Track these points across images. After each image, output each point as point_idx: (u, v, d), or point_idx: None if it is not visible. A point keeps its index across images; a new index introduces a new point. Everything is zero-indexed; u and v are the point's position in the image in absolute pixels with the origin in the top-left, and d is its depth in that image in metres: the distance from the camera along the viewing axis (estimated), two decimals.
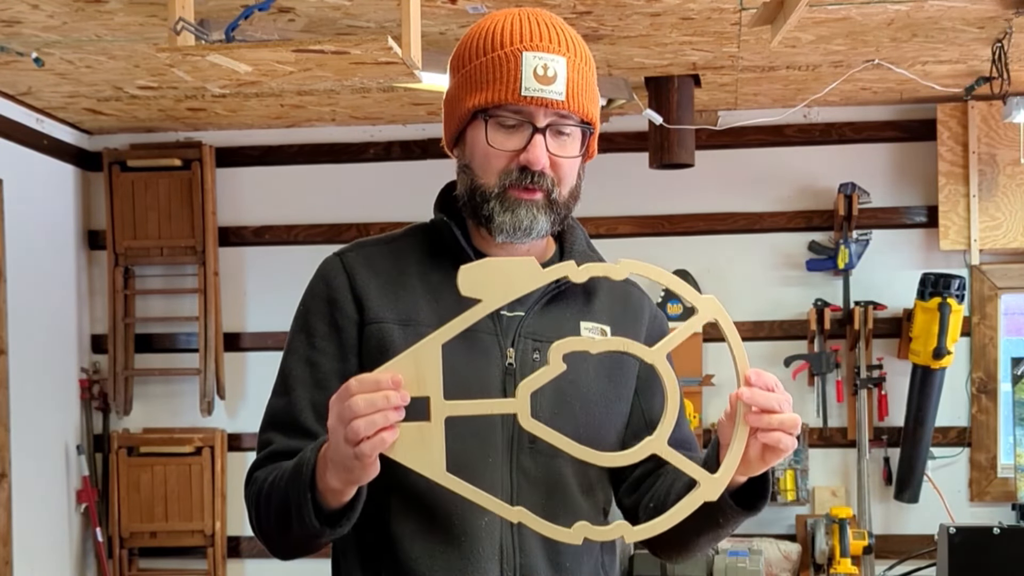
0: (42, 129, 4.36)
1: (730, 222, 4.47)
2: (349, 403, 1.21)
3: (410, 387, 1.22)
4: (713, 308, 1.27)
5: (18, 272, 4.12)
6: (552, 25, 1.44)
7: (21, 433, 4.11)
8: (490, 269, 1.25)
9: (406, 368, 1.22)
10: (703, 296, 1.28)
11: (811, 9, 3.06)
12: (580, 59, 1.43)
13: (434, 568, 1.40)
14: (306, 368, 1.47)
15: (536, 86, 1.39)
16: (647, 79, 3.88)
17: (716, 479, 1.28)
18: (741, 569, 3.92)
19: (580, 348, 1.27)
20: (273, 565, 4.62)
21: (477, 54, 1.43)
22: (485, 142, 1.42)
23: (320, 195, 4.64)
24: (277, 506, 1.37)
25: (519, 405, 1.24)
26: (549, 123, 1.41)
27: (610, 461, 1.31)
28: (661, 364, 1.27)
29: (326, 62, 2.66)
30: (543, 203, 1.43)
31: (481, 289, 1.24)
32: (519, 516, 1.25)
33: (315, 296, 1.50)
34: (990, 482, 4.30)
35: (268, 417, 1.49)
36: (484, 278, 1.24)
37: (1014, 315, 4.42)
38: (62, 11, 3.05)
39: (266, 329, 4.60)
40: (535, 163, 1.40)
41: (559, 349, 1.24)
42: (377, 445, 1.21)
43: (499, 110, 1.41)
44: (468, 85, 1.44)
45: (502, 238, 1.44)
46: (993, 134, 4.21)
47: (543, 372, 1.25)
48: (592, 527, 1.25)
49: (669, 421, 1.28)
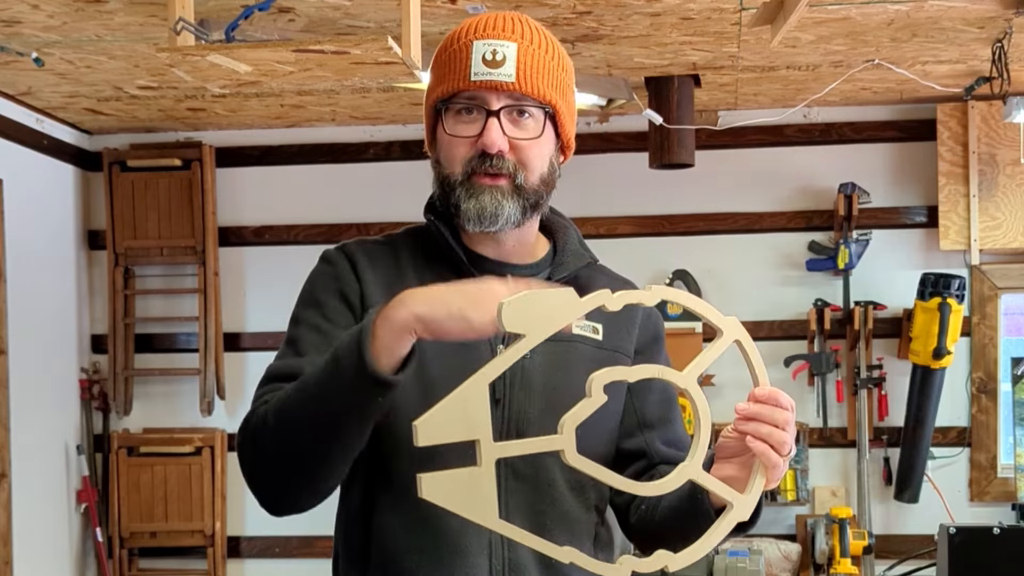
0: (42, 129, 4.36)
1: (730, 222, 4.47)
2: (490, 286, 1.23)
3: (457, 432, 1.19)
4: (736, 329, 1.27)
5: (18, 272, 4.12)
6: (511, 18, 1.46)
7: (21, 433, 4.11)
8: (532, 303, 1.21)
9: (453, 411, 1.19)
10: (726, 317, 1.28)
11: (811, 9, 3.06)
12: (535, 45, 1.44)
13: (423, 563, 1.40)
14: (316, 335, 1.44)
15: (484, 70, 1.41)
16: (647, 79, 3.88)
17: (746, 499, 1.29)
18: (741, 569, 3.92)
19: (619, 378, 1.26)
20: (273, 565, 4.66)
21: (439, 54, 1.48)
22: (445, 133, 1.45)
23: (320, 195, 4.64)
24: (312, 392, 1.30)
25: (565, 442, 1.22)
26: (504, 106, 1.42)
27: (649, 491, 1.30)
28: (692, 388, 1.27)
29: (326, 62, 2.66)
30: (508, 188, 1.43)
31: (524, 324, 1.20)
32: (570, 556, 1.24)
33: (321, 275, 1.50)
34: (990, 482, 4.30)
35: (271, 372, 1.45)
36: (527, 312, 1.21)
37: (1014, 315, 4.42)
38: (62, 11, 3.05)
39: (266, 329, 4.60)
40: (491, 146, 1.41)
41: (599, 380, 1.23)
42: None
43: (454, 100, 1.43)
44: (432, 83, 1.48)
45: (471, 227, 1.44)
46: (993, 134, 4.21)
47: (585, 404, 1.23)
48: (637, 560, 1.25)
49: (703, 446, 1.27)
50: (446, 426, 1.18)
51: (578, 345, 1.47)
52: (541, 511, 1.43)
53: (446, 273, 1.47)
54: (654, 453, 1.52)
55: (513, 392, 1.43)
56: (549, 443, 1.24)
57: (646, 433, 1.53)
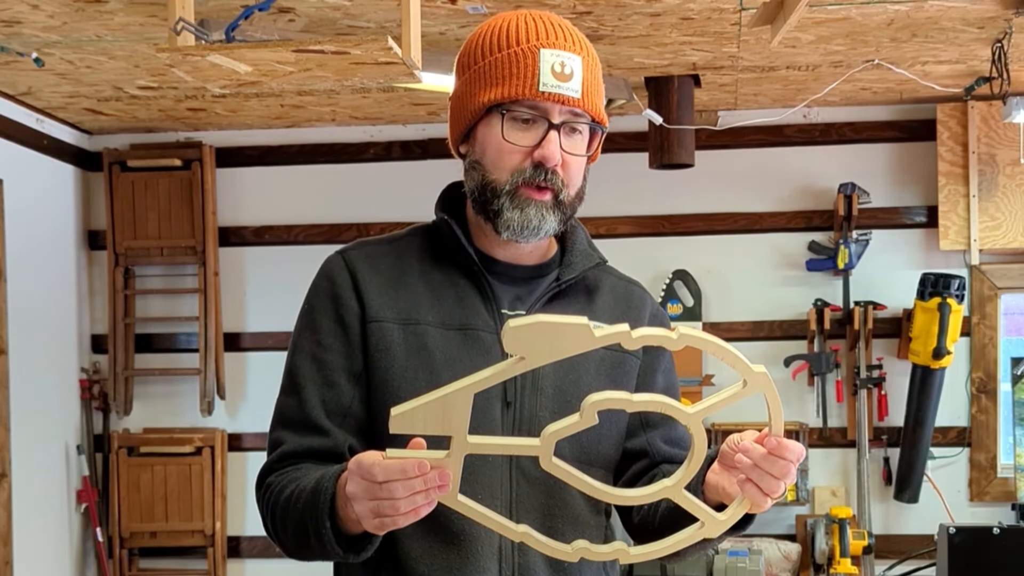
0: (42, 129, 4.36)
1: (730, 222, 4.47)
2: (387, 488, 1.17)
3: (434, 426, 1.17)
4: (763, 383, 1.21)
5: (18, 272, 4.12)
6: (564, 26, 1.45)
7: (21, 433, 4.11)
8: (539, 334, 1.14)
9: (433, 411, 1.17)
10: (755, 369, 1.20)
11: (811, 9, 3.06)
12: (592, 60, 1.44)
13: (434, 567, 1.40)
14: (313, 365, 1.46)
15: (554, 82, 1.39)
16: (647, 79, 3.88)
17: (721, 521, 1.28)
18: (741, 569, 3.92)
19: (618, 407, 1.19)
20: (273, 565, 4.66)
21: (491, 51, 1.43)
22: (500, 137, 1.41)
23: (320, 195, 4.64)
24: (295, 528, 1.36)
25: (543, 450, 1.20)
26: (563, 121, 1.41)
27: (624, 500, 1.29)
28: (695, 427, 1.23)
29: (326, 62, 2.66)
30: (551, 204, 1.43)
31: (527, 349, 1.14)
32: (523, 537, 1.24)
33: (319, 293, 1.50)
34: (990, 482, 4.30)
35: (278, 416, 1.48)
36: (533, 339, 1.14)
37: (1014, 315, 4.42)
38: (62, 11, 3.05)
39: (266, 329, 4.60)
40: (550, 159, 1.40)
41: (595, 405, 1.17)
42: (411, 517, 1.21)
43: (516, 105, 1.41)
44: (481, 81, 1.43)
45: (508, 235, 1.43)
46: (993, 134, 4.21)
47: (573, 423, 1.19)
48: (590, 547, 1.24)
49: (691, 471, 1.24)
50: (423, 423, 1.17)
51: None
52: (551, 513, 1.43)
53: (454, 273, 1.47)
54: (655, 452, 1.53)
55: (524, 395, 1.44)
56: (527, 447, 1.23)
57: (648, 432, 1.53)
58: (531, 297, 1.48)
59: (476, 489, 1.38)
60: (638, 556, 1.27)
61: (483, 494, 1.39)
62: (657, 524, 1.46)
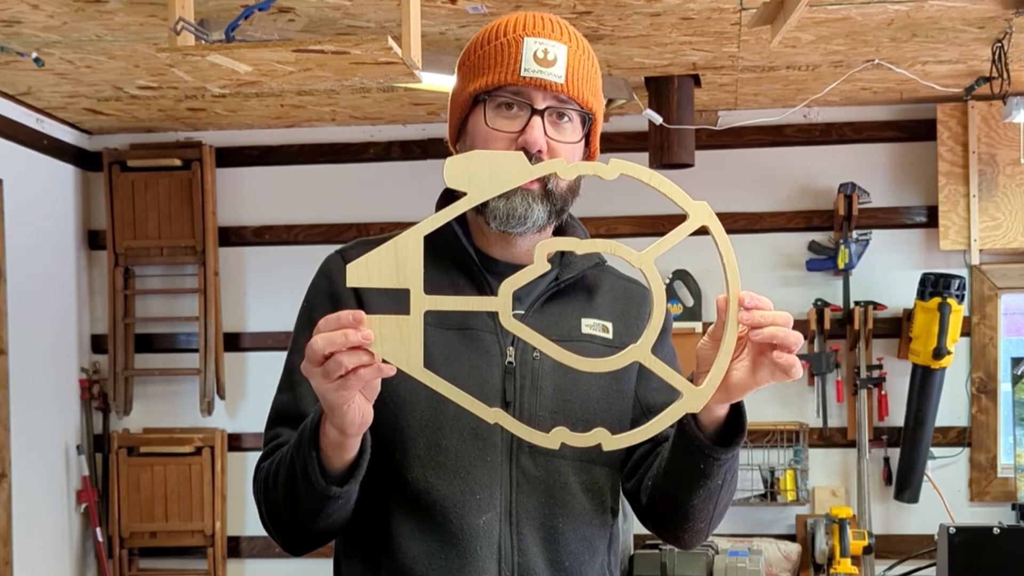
0: (42, 129, 4.36)
1: (730, 222, 4.45)
2: (310, 344, 1.19)
3: (389, 279, 1.19)
4: (705, 214, 1.24)
5: (18, 272, 4.12)
6: (555, 20, 1.45)
7: (21, 433, 4.11)
8: (476, 161, 1.21)
9: (386, 259, 1.19)
10: (695, 201, 1.25)
11: (811, 9, 3.06)
12: (581, 51, 1.44)
13: (432, 567, 1.39)
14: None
15: (536, 67, 1.39)
16: (647, 79, 3.88)
17: (700, 391, 1.26)
18: (741, 569, 3.91)
19: (566, 248, 1.26)
20: (273, 565, 4.66)
21: (480, 46, 1.45)
22: (484, 124, 1.42)
23: (320, 195, 4.64)
24: (285, 478, 1.36)
25: (500, 303, 1.22)
26: (548, 106, 1.41)
27: (592, 366, 1.26)
28: (648, 269, 1.25)
29: (326, 62, 2.66)
30: (539, 192, 1.42)
31: (467, 182, 1.20)
32: (496, 417, 1.22)
33: (318, 292, 1.50)
34: (990, 482, 4.30)
35: (274, 413, 1.49)
36: (470, 170, 1.20)
37: (1014, 315, 4.42)
38: (62, 11, 3.05)
39: (266, 329, 4.60)
40: (533, 144, 1.39)
41: (544, 248, 1.22)
42: (353, 383, 1.19)
43: (498, 92, 1.41)
44: (470, 74, 1.45)
45: (496, 225, 1.43)
46: (993, 134, 4.21)
47: (527, 271, 1.22)
48: (570, 433, 1.23)
49: (653, 329, 1.25)
50: (377, 273, 1.20)
51: (588, 344, 1.46)
52: (552, 514, 1.42)
53: (454, 273, 1.47)
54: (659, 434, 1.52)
55: (524, 394, 1.43)
56: (485, 303, 1.28)
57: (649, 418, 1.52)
58: (530, 296, 1.48)
59: (475, 489, 1.38)
60: (619, 441, 1.25)
61: (482, 494, 1.39)
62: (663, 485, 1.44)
